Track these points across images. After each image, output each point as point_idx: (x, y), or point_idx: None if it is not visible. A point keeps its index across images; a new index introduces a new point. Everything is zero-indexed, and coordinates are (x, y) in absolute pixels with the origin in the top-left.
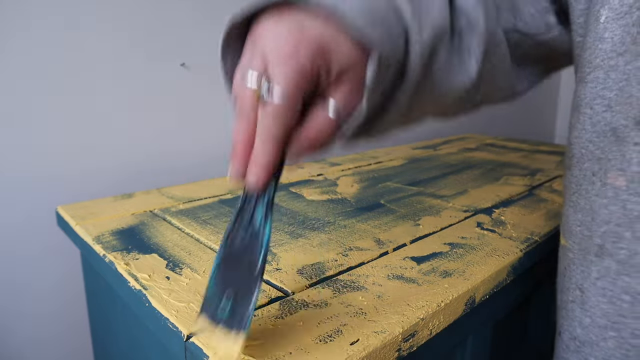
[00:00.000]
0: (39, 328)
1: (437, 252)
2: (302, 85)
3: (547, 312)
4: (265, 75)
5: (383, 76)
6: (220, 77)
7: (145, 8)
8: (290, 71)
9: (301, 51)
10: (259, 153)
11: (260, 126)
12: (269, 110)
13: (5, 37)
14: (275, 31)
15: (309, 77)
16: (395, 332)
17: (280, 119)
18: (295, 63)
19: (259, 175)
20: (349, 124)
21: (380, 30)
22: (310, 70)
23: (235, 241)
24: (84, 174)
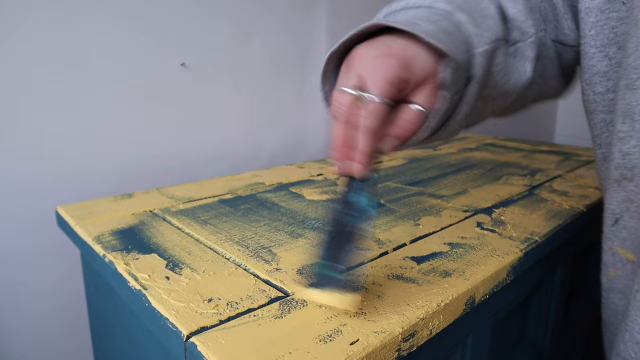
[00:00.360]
0: (38, 328)
1: (437, 252)
2: (391, 90)
3: (547, 312)
4: (362, 86)
5: (454, 78)
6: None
7: (146, 8)
8: (382, 80)
9: (389, 65)
10: (362, 145)
11: (360, 124)
12: (366, 110)
13: (5, 37)
14: (367, 53)
15: (396, 84)
16: (395, 332)
17: (376, 116)
18: (385, 74)
19: (363, 163)
20: (430, 120)
21: (449, 42)
22: (397, 78)
23: (342, 221)
24: (84, 174)
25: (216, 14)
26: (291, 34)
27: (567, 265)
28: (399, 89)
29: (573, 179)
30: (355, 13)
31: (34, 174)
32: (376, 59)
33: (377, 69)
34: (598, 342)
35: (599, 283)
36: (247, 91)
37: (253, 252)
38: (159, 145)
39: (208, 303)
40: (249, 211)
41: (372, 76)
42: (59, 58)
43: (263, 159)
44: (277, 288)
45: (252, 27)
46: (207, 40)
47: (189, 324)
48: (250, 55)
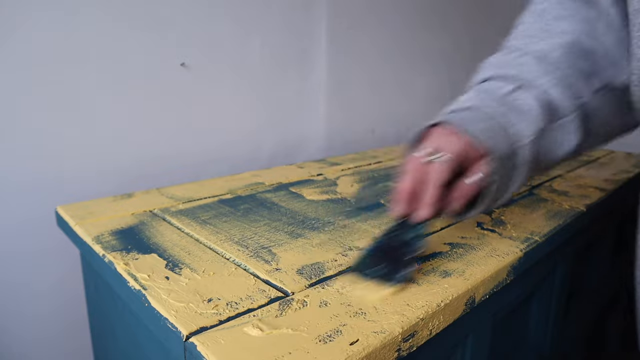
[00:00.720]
0: (38, 328)
1: (437, 252)
2: (457, 158)
3: (547, 312)
4: (435, 152)
5: (498, 166)
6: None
7: (146, 8)
8: (452, 149)
9: (458, 139)
10: (429, 195)
11: (429, 178)
12: (438, 168)
13: (5, 37)
14: (442, 130)
15: (462, 155)
16: (395, 332)
17: (443, 172)
18: (455, 145)
19: (426, 211)
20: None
21: (492, 140)
22: (463, 152)
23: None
24: (84, 174)
25: (216, 14)
26: (291, 34)
27: (567, 265)
28: (463, 159)
29: (573, 179)
30: (355, 13)
31: (33, 174)
32: (450, 134)
33: (450, 140)
34: (632, 338)
35: (632, 277)
36: (247, 91)
37: (253, 252)
38: (158, 145)
39: (208, 303)
40: (249, 211)
41: (445, 144)
42: (59, 58)
43: (263, 159)
44: (277, 288)
45: (252, 27)
46: (207, 40)
47: (189, 324)
48: (251, 55)
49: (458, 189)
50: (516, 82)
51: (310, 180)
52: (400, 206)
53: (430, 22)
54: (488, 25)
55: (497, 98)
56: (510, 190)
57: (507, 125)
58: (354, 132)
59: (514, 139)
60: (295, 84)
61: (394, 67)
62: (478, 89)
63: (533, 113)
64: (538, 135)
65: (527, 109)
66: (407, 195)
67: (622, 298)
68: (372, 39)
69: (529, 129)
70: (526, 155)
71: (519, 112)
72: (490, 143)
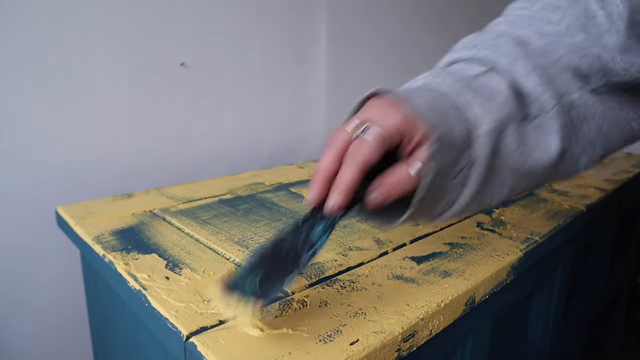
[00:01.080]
0: (39, 321)
1: (437, 252)
2: (388, 137)
3: (547, 312)
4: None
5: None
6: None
7: (146, 8)
8: (383, 125)
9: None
10: (344, 175)
11: (348, 155)
12: (359, 143)
13: (5, 38)
14: (377, 102)
15: (395, 134)
16: (395, 332)
17: (366, 151)
18: (388, 120)
19: (341, 194)
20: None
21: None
22: (396, 130)
23: (285, 243)
24: (84, 174)
25: (216, 14)
26: (291, 34)
27: (567, 265)
28: (396, 140)
29: (573, 179)
30: (354, 14)
31: (34, 174)
32: (384, 107)
33: (383, 114)
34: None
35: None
36: (247, 91)
37: (253, 252)
38: (158, 145)
39: (208, 303)
40: (249, 211)
41: (377, 119)
42: (58, 58)
43: (263, 159)
44: None
45: (252, 27)
46: (207, 40)
47: (189, 324)
48: (251, 55)
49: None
50: (487, 64)
51: (310, 180)
52: (315, 189)
53: (430, 22)
54: (488, 23)
55: (462, 79)
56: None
57: (463, 107)
58: None
59: (470, 126)
60: (295, 84)
61: (394, 67)
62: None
63: (499, 99)
64: (500, 127)
65: (493, 94)
66: (326, 175)
67: (622, 298)
68: (372, 39)
69: (490, 117)
70: (484, 149)
71: (482, 95)
72: (430, 121)
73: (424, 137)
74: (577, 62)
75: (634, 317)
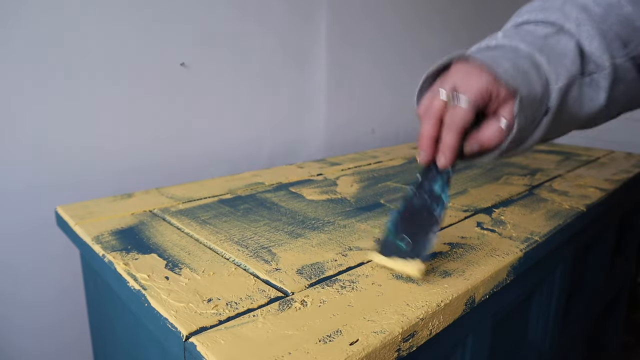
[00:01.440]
0: (38, 317)
1: (437, 252)
2: (478, 100)
3: (547, 312)
4: (454, 92)
5: (531, 109)
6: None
7: (146, 8)
8: (472, 90)
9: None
10: (447, 140)
11: (448, 122)
12: (457, 111)
13: (4, 38)
14: (463, 67)
15: (484, 97)
16: (395, 332)
17: (462, 117)
18: (477, 84)
19: (447, 156)
20: (505, 141)
21: (521, 80)
22: (485, 93)
23: (415, 202)
24: (84, 174)
25: (216, 15)
26: (291, 34)
27: (567, 265)
28: (485, 101)
29: (573, 179)
30: (354, 14)
31: (34, 174)
32: (471, 72)
33: (471, 79)
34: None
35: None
36: (247, 91)
37: (253, 252)
38: (158, 145)
39: (207, 303)
40: (249, 211)
41: (466, 85)
42: (59, 58)
43: (263, 159)
44: (277, 288)
45: (252, 27)
46: (207, 40)
47: (189, 324)
48: (250, 56)
49: (484, 129)
50: (556, 26)
51: (310, 180)
52: (423, 153)
53: (430, 22)
54: (489, 24)
55: (536, 38)
56: (533, 138)
57: (540, 64)
58: (354, 132)
59: (546, 80)
60: (295, 84)
61: (394, 67)
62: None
63: (570, 57)
64: (570, 81)
65: (564, 53)
66: (429, 138)
67: (622, 298)
68: (372, 39)
69: (563, 73)
70: (557, 100)
71: (555, 54)
72: (517, 82)
73: (510, 95)
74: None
75: (634, 317)
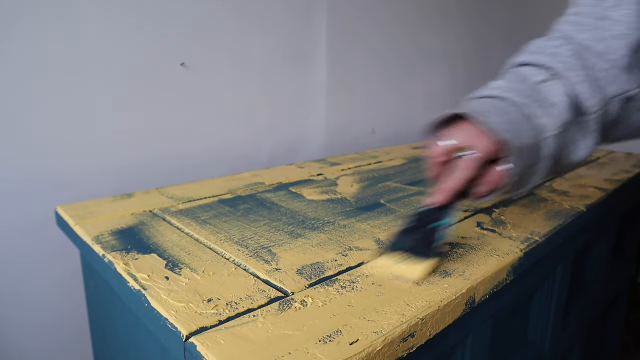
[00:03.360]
0: (38, 326)
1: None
2: (483, 157)
3: (547, 312)
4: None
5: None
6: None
7: (146, 8)
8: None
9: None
10: (450, 184)
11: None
12: (465, 164)
13: (4, 38)
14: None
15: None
16: (395, 332)
17: (467, 170)
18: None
19: (442, 197)
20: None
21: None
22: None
23: (415, 232)
24: (84, 174)
25: (216, 14)
26: (291, 34)
27: (567, 265)
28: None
29: (573, 179)
30: (354, 14)
31: (34, 174)
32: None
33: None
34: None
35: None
36: (247, 91)
37: (252, 252)
38: (158, 145)
39: (207, 303)
40: (249, 211)
41: (475, 143)
42: (58, 58)
43: (263, 158)
44: (277, 288)
45: (252, 27)
46: (207, 41)
47: (189, 324)
48: (250, 55)
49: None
50: (548, 71)
51: (310, 180)
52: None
53: (430, 22)
54: (489, 24)
55: (528, 86)
56: (532, 182)
57: (532, 116)
58: (354, 132)
59: (539, 131)
60: (295, 84)
61: (394, 67)
62: (511, 72)
63: (560, 107)
64: (562, 129)
65: (555, 102)
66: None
67: (622, 298)
68: (372, 39)
69: (554, 123)
70: (550, 148)
71: (546, 104)
72: (511, 135)
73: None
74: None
75: (634, 317)
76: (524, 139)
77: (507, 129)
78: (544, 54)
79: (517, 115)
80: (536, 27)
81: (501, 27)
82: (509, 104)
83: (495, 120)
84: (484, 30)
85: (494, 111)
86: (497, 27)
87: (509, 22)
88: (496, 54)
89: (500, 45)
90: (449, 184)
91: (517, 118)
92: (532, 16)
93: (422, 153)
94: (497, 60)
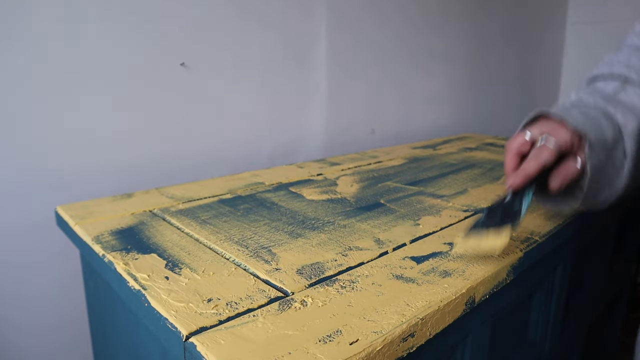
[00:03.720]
0: (38, 326)
1: (437, 251)
2: (562, 145)
3: (547, 312)
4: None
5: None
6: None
7: (146, 8)
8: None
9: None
10: (526, 166)
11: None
12: (541, 149)
13: (4, 38)
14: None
15: (567, 144)
16: (395, 332)
17: (547, 154)
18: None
19: (517, 180)
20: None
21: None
22: (568, 141)
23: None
24: (84, 174)
25: (216, 14)
26: (291, 34)
27: (567, 265)
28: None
29: None
30: (355, 13)
31: (34, 173)
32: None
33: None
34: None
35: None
36: (247, 91)
37: (252, 252)
38: (158, 145)
39: (207, 303)
40: (249, 211)
41: (555, 133)
42: (58, 57)
43: (263, 158)
44: (277, 288)
45: (252, 26)
46: (206, 41)
47: (189, 324)
48: (250, 55)
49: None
50: (622, 79)
51: (310, 180)
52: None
53: (430, 22)
54: (489, 24)
55: (607, 93)
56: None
57: (610, 114)
58: (354, 132)
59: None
60: (295, 84)
61: (394, 67)
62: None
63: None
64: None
65: (633, 104)
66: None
67: (622, 298)
68: (372, 39)
69: (633, 123)
70: (632, 145)
71: (622, 107)
72: (585, 127)
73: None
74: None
75: (634, 317)
76: (601, 131)
77: (585, 122)
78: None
79: (597, 113)
80: (536, 27)
81: (502, 27)
82: (590, 107)
83: (575, 114)
84: (484, 30)
85: (574, 110)
86: (498, 26)
87: (509, 22)
88: (497, 54)
89: (501, 45)
90: (525, 167)
91: (597, 116)
92: (532, 16)
93: (422, 153)
94: (497, 59)
